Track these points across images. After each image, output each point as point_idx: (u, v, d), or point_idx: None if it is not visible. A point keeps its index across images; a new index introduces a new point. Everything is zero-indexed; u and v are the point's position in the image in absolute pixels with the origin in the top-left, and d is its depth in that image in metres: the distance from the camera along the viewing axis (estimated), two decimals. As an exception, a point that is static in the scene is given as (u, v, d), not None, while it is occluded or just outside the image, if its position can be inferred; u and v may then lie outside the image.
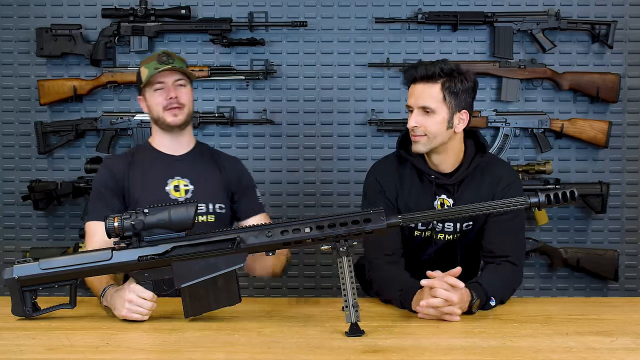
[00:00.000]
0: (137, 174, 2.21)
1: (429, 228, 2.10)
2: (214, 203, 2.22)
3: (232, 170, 2.31)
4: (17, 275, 1.78)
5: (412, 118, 2.03)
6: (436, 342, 1.58)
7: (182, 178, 2.22)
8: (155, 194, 2.16)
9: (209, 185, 2.23)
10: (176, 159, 2.25)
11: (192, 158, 2.27)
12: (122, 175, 2.19)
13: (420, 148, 2.04)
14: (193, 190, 2.21)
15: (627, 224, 3.25)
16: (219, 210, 2.23)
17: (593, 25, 3.15)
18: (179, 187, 2.21)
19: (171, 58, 2.19)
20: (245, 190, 2.31)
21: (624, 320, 1.78)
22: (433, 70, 1.99)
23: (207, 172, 2.26)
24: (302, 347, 1.54)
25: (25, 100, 3.26)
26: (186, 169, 2.23)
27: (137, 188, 2.18)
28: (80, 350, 1.53)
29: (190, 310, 1.76)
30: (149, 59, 2.20)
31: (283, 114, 3.25)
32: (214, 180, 2.25)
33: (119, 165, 2.22)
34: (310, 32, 3.22)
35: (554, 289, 3.29)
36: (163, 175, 2.21)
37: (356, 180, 3.20)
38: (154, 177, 2.20)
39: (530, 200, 1.70)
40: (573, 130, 3.15)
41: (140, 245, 1.76)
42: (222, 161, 2.32)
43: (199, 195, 2.20)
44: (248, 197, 2.31)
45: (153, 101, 2.20)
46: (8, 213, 3.28)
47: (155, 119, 2.22)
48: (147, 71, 2.17)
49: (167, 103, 2.17)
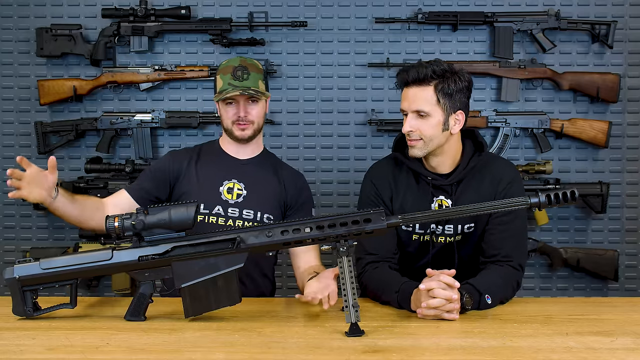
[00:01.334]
0: (196, 169, 2.24)
1: (428, 232, 2.08)
2: (262, 212, 2.22)
3: (293, 185, 2.30)
4: (18, 275, 1.79)
5: (406, 122, 2.00)
6: (436, 342, 1.58)
7: (238, 182, 2.23)
8: (209, 192, 2.19)
9: (262, 194, 2.23)
10: (238, 162, 2.27)
11: (254, 164, 2.28)
12: (179, 167, 2.24)
13: (417, 152, 2.02)
14: (245, 196, 2.22)
15: (627, 224, 3.25)
16: (266, 220, 2.22)
17: (593, 25, 3.15)
18: (232, 190, 2.22)
19: (247, 72, 2.18)
20: (301, 206, 2.29)
21: (624, 320, 1.78)
22: (424, 73, 1.96)
23: (264, 180, 2.26)
24: (302, 347, 1.54)
25: (25, 100, 3.26)
26: (244, 173, 2.25)
27: (193, 182, 2.21)
28: (80, 350, 1.53)
29: (190, 310, 1.76)
30: (226, 69, 2.19)
31: (283, 114, 3.25)
32: (269, 190, 2.25)
33: (181, 158, 2.27)
34: (310, 32, 3.22)
35: (554, 289, 3.29)
36: (221, 175, 2.23)
37: (356, 180, 3.20)
38: (211, 175, 2.23)
39: (530, 200, 1.70)
40: (573, 130, 3.15)
41: (140, 245, 1.76)
42: (284, 173, 2.32)
43: (250, 202, 2.21)
44: (302, 214, 2.25)
45: (224, 113, 2.22)
46: (8, 213, 3.28)
47: (224, 129, 2.25)
48: (221, 83, 2.18)
49: (237, 119, 2.19)
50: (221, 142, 2.32)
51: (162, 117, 3.16)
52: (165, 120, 3.16)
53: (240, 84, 2.16)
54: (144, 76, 3.17)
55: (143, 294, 1.79)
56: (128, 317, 1.78)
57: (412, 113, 1.99)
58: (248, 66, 2.19)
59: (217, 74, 2.23)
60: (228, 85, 2.16)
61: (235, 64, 2.19)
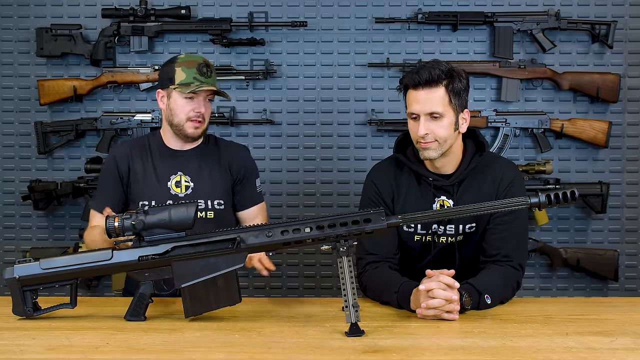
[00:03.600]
0: (143, 166, 2.25)
1: (430, 232, 2.08)
2: (212, 199, 2.25)
3: (236, 158, 2.32)
4: (18, 275, 1.78)
5: (421, 125, 1.95)
6: (436, 342, 1.58)
7: (184, 174, 2.24)
8: (157, 188, 2.22)
9: (209, 182, 2.26)
10: (180, 153, 2.27)
11: (197, 154, 2.28)
12: (125, 169, 2.25)
13: (432, 154, 1.98)
14: (193, 187, 2.24)
15: (627, 224, 3.26)
16: (218, 206, 2.25)
17: (593, 25, 3.15)
18: (180, 183, 2.24)
19: (210, 71, 2.19)
20: (247, 180, 2.33)
21: (624, 320, 1.78)
22: (436, 74, 1.93)
23: (208, 167, 2.28)
24: (302, 347, 1.54)
25: (25, 100, 3.26)
26: (188, 165, 2.26)
27: (140, 181, 2.23)
28: (80, 350, 1.53)
29: (191, 310, 1.76)
30: (188, 62, 2.18)
31: (283, 114, 3.25)
32: (215, 176, 2.27)
33: (123, 159, 2.26)
34: (310, 32, 3.22)
35: (554, 289, 3.29)
36: (166, 170, 2.25)
37: (356, 180, 3.20)
38: (157, 172, 2.24)
39: (530, 200, 1.69)
40: (573, 130, 3.15)
41: (140, 245, 1.76)
42: (226, 150, 2.33)
43: (199, 192, 2.23)
44: (248, 185, 2.33)
45: (178, 107, 2.20)
46: (8, 213, 3.29)
47: (172, 123, 2.22)
48: (184, 76, 2.17)
49: (194, 115, 2.19)
50: (163, 135, 2.30)
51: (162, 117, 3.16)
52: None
53: (206, 80, 2.17)
54: (144, 76, 3.17)
55: (143, 294, 1.79)
56: (128, 317, 1.78)
57: (426, 116, 1.96)
58: (210, 66, 2.22)
59: (173, 64, 2.19)
60: (194, 79, 2.16)
61: (199, 60, 2.19)
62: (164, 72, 2.23)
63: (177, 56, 2.24)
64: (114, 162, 2.26)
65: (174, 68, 2.19)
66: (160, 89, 2.24)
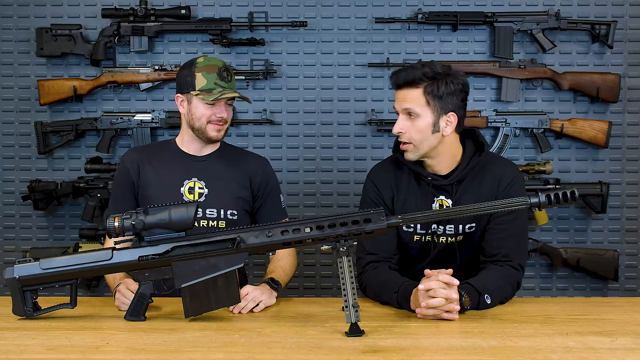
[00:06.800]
0: (154, 171, 2.21)
1: (429, 232, 2.08)
2: (225, 209, 2.20)
3: (257, 172, 2.28)
4: (18, 275, 1.78)
5: (397, 123, 2.02)
6: (436, 342, 1.58)
7: (198, 180, 2.21)
8: (170, 194, 2.16)
9: (223, 190, 2.22)
10: (196, 159, 2.24)
11: (213, 159, 2.25)
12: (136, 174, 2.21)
13: (410, 156, 2.04)
14: (207, 194, 2.20)
15: (627, 224, 3.26)
16: (230, 216, 2.21)
17: (593, 25, 3.15)
18: (193, 190, 2.20)
19: (229, 75, 2.17)
20: (268, 194, 2.29)
21: (624, 320, 1.78)
22: (414, 75, 1.98)
23: (225, 175, 2.24)
24: (302, 347, 1.54)
25: (25, 100, 3.26)
26: (204, 170, 2.23)
27: (152, 186, 2.19)
28: (80, 350, 1.53)
29: (191, 310, 1.76)
30: (208, 67, 2.15)
31: (283, 114, 3.25)
32: (231, 185, 2.23)
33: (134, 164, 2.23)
34: (310, 32, 3.22)
35: (554, 289, 3.29)
36: (180, 175, 2.21)
37: (356, 180, 3.20)
38: (170, 176, 2.20)
39: (530, 200, 1.69)
40: (573, 130, 3.15)
41: (140, 245, 1.76)
42: (248, 162, 2.29)
43: (212, 200, 2.19)
44: (271, 202, 2.28)
45: (199, 111, 2.17)
46: (8, 213, 3.29)
47: (194, 127, 2.20)
48: (204, 81, 2.13)
49: (215, 119, 2.17)
50: (179, 141, 2.28)
51: (162, 117, 3.17)
52: (165, 120, 3.16)
53: (228, 85, 2.16)
54: (144, 76, 3.17)
55: (143, 294, 1.79)
56: (128, 317, 1.78)
57: (403, 113, 2.01)
58: (230, 70, 2.20)
59: (193, 69, 2.15)
60: (215, 85, 2.14)
61: (219, 64, 2.17)
62: (183, 76, 2.18)
63: (195, 59, 2.18)
64: (125, 169, 2.23)
65: (194, 73, 2.15)
66: (180, 93, 2.20)
